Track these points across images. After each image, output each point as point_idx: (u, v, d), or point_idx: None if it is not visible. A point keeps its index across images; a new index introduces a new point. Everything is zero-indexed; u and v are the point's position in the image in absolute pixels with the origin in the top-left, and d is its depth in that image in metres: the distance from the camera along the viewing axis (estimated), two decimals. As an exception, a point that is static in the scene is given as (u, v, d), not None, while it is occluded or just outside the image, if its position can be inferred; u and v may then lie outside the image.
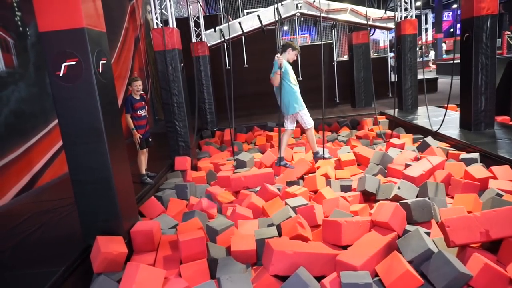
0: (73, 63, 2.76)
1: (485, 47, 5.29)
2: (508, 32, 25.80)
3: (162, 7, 5.79)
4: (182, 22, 8.43)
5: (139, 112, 4.51)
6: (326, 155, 4.80)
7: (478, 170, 3.87)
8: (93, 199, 2.93)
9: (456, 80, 5.77)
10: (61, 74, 2.76)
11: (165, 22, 5.85)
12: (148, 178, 4.61)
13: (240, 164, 5.23)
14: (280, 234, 3.10)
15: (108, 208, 2.96)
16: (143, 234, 3.02)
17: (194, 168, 5.64)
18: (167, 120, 5.75)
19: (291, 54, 4.85)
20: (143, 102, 4.58)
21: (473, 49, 5.32)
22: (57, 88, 2.79)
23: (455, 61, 5.05)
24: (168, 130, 5.75)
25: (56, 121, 3.44)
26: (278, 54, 4.72)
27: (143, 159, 4.61)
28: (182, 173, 5.27)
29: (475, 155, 4.39)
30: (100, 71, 2.89)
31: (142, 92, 4.58)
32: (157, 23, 5.71)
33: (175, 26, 5.74)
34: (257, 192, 4.13)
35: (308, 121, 4.79)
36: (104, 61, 2.98)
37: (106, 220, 2.96)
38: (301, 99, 4.90)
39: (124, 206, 3.05)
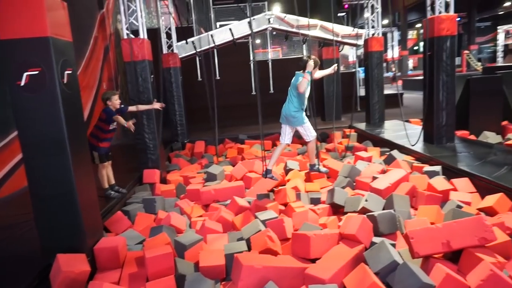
0: (36, 72, 2.66)
1: (446, 65, 5.59)
2: (467, 52, 27.44)
3: (132, 18, 5.72)
4: (154, 33, 8.35)
5: (111, 125, 4.38)
6: (322, 170, 4.83)
7: (440, 183, 4.04)
8: (54, 215, 2.80)
9: (420, 95, 6.04)
10: (22, 84, 2.65)
11: (136, 33, 5.77)
12: (113, 192, 4.45)
13: (211, 177, 5.18)
14: (249, 248, 3.07)
15: (70, 224, 2.83)
16: (108, 250, 2.90)
17: (163, 181, 5.53)
18: (136, 132, 5.61)
19: (309, 66, 4.58)
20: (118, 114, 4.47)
21: (434, 67, 5.60)
22: (18, 98, 2.68)
23: (420, 78, 5.28)
24: (137, 142, 5.62)
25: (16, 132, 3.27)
26: (311, 62, 4.56)
27: (104, 173, 4.43)
28: (150, 187, 5.15)
29: (438, 168, 4.58)
30: (65, 82, 2.80)
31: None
32: (127, 34, 5.63)
33: (145, 36, 5.68)
34: (227, 205, 4.10)
35: (311, 135, 4.73)
36: (70, 72, 2.89)
37: (68, 237, 2.83)
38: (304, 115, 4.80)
39: (88, 222, 2.93)
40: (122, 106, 4.43)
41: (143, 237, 3.49)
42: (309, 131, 4.71)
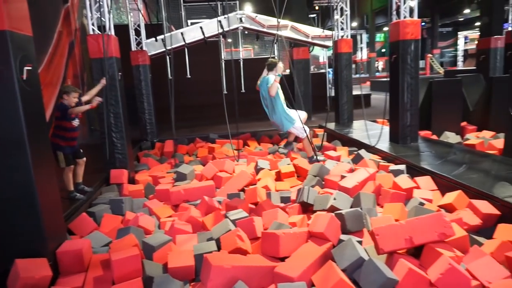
0: (-9, 68, 2.51)
1: (410, 68, 5.81)
2: (430, 55, 28.68)
3: (99, 13, 5.53)
4: (122, 29, 8.13)
5: (74, 122, 4.20)
6: (320, 158, 4.92)
7: (404, 181, 4.20)
8: (13, 218, 2.66)
9: (387, 96, 6.25)
10: (-24, 80, 2.50)
11: (103, 28, 5.59)
12: (78, 194, 4.29)
13: (180, 177, 5.11)
14: (219, 248, 3.06)
15: (30, 227, 2.70)
16: (71, 254, 2.80)
17: (132, 181, 5.39)
18: (103, 131, 5.45)
19: (279, 68, 4.90)
20: (79, 115, 4.30)
21: (399, 69, 5.81)
22: (-29, 95, 2.52)
23: (386, 79, 5.46)
24: (103, 141, 5.45)
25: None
26: (281, 64, 4.76)
27: (71, 176, 4.25)
28: (118, 187, 5.00)
29: (402, 167, 4.75)
30: (24, 78, 2.66)
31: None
32: (93, 29, 5.44)
33: (113, 33, 5.51)
34: (197, 205, 4.06)
35: (302, 134, 4.80)
36: (30, 68, 2.75)
37: (28, 241, 2.70)
38: (291, 114, 4.84)
39: (49, 225, 2.81)
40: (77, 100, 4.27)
41: (109, 239, 3.39)
42: (300, 129, 4.74)
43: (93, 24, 5.43)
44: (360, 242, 2.93)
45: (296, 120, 4.64)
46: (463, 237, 2.82)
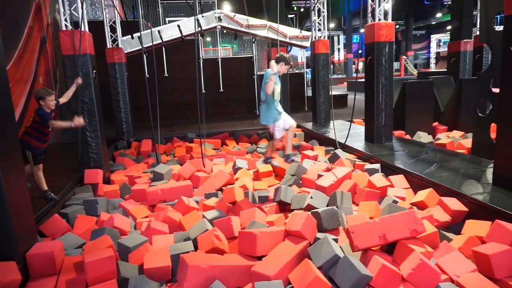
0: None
1: (385, 69, 5.96)
2: (405, 57, 29.48)
3: (72, 8, 5.37)
4: (97, 26, 7.93)
5: (50, 128, 4.09)
6: (296, 159, 4.95)
7: (379, 179, 4.31)
8: (-21, 220, 2.55)
9: (363, 97, 6.39)
10: None
11: (77, 24, 5.43)
12: (52, 194, 4.16)
13: (157, 177, 5.04)
14: (196, 248, 3.04)
15: (-2, 229, 2.59)
16: (42, 256, 2.71)
17: (107, 181, 5.27)
18: (76, 130, 5.29)
19: (283, 68, 4.68)
20: (53, 113, 4.17)
21: (374, 71, 5.94)
22: None
23: (362, 80, 5.57)
24: (77, 140, 5.29)
25: None
26: (273, 62, 4.58)
27: (41, 174, 4.14)
28: (92, 187, 4.88)
29: (377, 166, 4.87)
30: (-9, 74, 2.56)
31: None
32: (65, 25, 5.28)
33: (87, 29, 5.37)
34: (174, 205, 4.02)
35: (277, 134, 4.73)
36: (-3, 64, 2.64)
37: (-5, 244, 2.59)
38: (278, 112, 4.75)
39: (18, 227, 2.71)
40: (55, 102, 4.14)
41: (83, 241, 3.31)
42: (277, 133, 4.72)
43: (65, 20, 5.27)
44: (336, 240, 2.99)
45: (281, 121, 4.65)
46: (433, 233, 2.93)
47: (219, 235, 3.03)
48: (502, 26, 3.64)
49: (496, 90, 4.66)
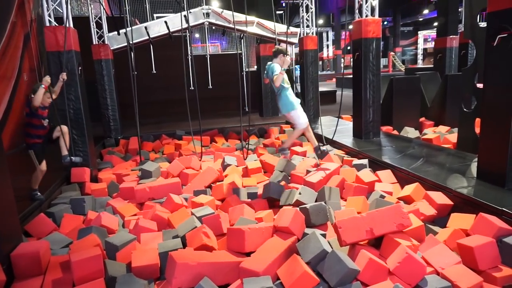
0: None
1: (372, 65, 6.00)
2: (393, 53, 29.75)
3: (56, 3, 5.26)
4: (83, 22, 7.79)
5: (43, 121, 4.04)
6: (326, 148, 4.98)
7: (366, 175, 4.35)
8: (-39, 221, 2.49)
9: (350, 93, 6.43)
10: None
11: (61, 20, 5.32)
12: (39, 194, 4.10)
13: (146, 174, 5.00)
14: (185, 246, 3.03)
15: (-19, 230, 2.54)
16: (27, 256, 2.67)
17: (94, 179, 5.21)
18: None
19: (283, 59, 4.87)
20: (47, 110, 4.12)
21: (362, 67, 5.98)
22: None
23: (349, 76, 5.59)
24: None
25: None
26: (280, 58, 4.65)
27: (40, 175, 4.11)
28: (79, 186, 4.82)
29: (365, 161, 4.91)
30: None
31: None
32: (49, 21, 5.17)
33: (71, 25, 5.27)
34: (163, 203, 3.99)
35: (298, 123, 4.76)
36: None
37: (-22, 244, 2.54)
38: (294, 100, 4.75)
39: (2, 226, 2.66)
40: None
41: (70, 240, 3.27)
42: (297, 121, 4.74)
43: (49, 16, 5.17)
44: (324, 235, 3.01)
45: (297, 109, 4.72)
46: (419, 227, 2.98)
47: (208, 232, 3.03)
48: (486, 23, 3.70)
49: (480, 85, 4.74)
